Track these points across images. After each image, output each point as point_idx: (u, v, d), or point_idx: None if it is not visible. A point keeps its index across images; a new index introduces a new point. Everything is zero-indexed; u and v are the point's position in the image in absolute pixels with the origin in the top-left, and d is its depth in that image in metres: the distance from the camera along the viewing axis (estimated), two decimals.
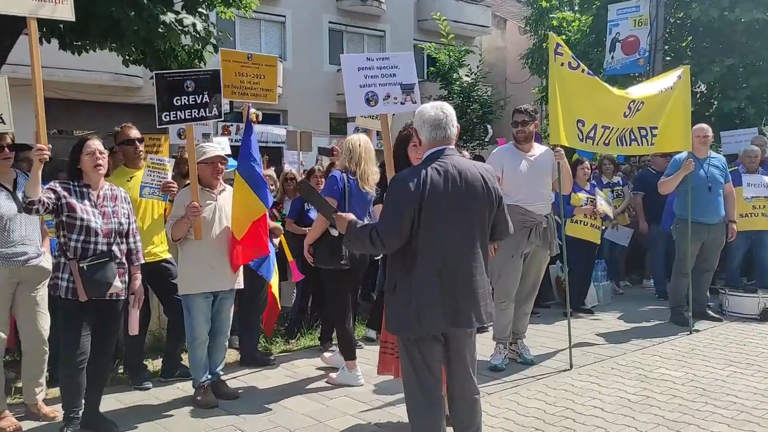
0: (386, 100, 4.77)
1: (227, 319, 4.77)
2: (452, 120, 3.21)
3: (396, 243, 3.05)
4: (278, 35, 20.59)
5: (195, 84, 4.57)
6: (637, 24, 11.66)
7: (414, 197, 2.98)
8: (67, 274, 3.83)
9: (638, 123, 5.87)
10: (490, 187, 3.15)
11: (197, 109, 4.60)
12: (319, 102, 20.21)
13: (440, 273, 3.03)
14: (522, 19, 21.16)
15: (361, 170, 4.87)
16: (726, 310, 7.09)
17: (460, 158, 3.20)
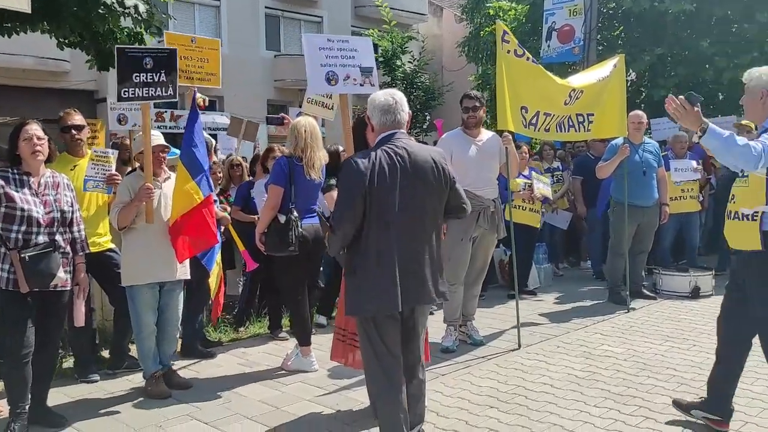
0: (346, 80, 4.78)
1: (176, 310, 4.68)
2: (402, 105, 3.29)
3: (350, 226, 3.10)
4: (213, 19, 20.12)
5: (153, 62, 4.46)
6: (571, 13, 11.98)
7: (363, 180, 3.05)
8: (7, 264, 3.68)
9: (576, 110, 6.06)
10: (441, 168, 3.22)
11: (154, 88, 4.50)
12: (257, 88, 19.89)
13: (393, 253, 3.10)
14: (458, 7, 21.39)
15: (307, 157, 4.84)
16: (659, 288, 7.43)
17: (411, 141, 3.28)
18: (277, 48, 21.35)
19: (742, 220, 3.43)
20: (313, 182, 4.93)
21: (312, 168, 4.84)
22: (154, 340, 4.55)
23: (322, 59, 4.81)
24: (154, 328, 4.54)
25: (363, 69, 5.00)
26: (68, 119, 4.73)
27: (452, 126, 5.99)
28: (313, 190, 5.01)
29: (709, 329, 5.79)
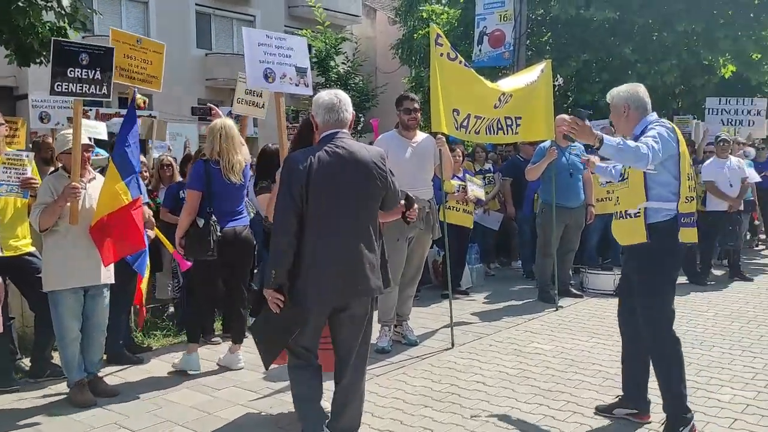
0: (283, 79, 4.74)
1: (102, 315, 4.52)
2: (346, 105, 3.33)
3: (290, 223, 3.09)
4: (141, 16, 19.56)
5: (90, 58, 4.32)
6: (502, 19, 12.25)
7: (301, 176, 3.07)
8: None
9: (505, 113, 6.21)
10: (380, 168, 3.27)
11: (88, 85, 4.35)
12: (187, 87, 19.42)
13: (331, 250, 3.13)
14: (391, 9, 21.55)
15: (224, 160, 4.78)
16: (586, 287, 7.68)
17: (353, 141, 3.32)
18: (209, 46, 20.95)
19: (627, 218, 3.76)
20: (234, 185, 4.86)
21: (231, 171, 4.78)
22: (79, 347, 4.38)
23: (261, 55, 4.76)
24: (78, 334, 4.38)
25: (298, 69, 4.98)
26: None
27: (387, 127, 6.03)
28: (234, 193, 4.94)
29: None
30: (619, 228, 3.90)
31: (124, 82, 4.75)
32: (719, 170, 8.27)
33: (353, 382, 3.38)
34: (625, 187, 3.83)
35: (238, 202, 5.01)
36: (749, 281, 8.24)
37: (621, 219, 3.84)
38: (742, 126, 11.91)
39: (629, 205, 3.75)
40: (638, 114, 3.78)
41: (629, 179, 3.77)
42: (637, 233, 3.71)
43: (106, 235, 4.38)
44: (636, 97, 3.79)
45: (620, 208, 3.85)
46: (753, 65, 12.60)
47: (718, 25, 11.83)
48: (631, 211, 3.73)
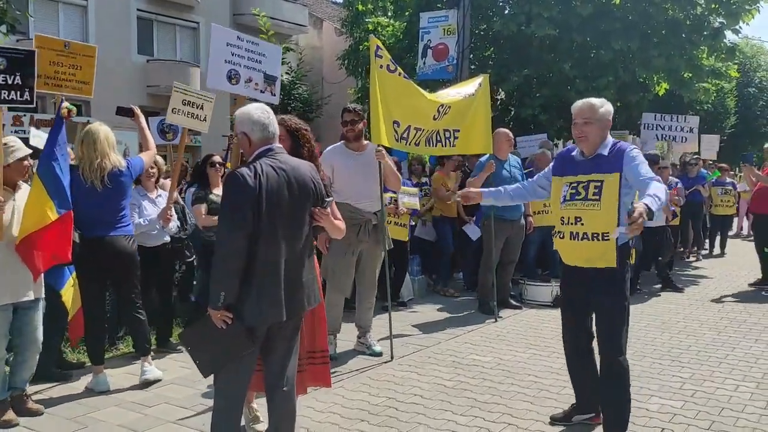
0: (248, 83, 4.65)
1: (36, 330, 4.31)
2: (275, 120, 3.32)
3: (241, 245, 3.00)
4: (80, 20, 19.02)
5: (7, 62, 4.11)
6: (446, 32, 12.38)
7: (251, 191, 3.01)
8: None
9: (444, 125, 6.27)
10: (316, 183, 3.28)
11: (8, 91, 4.16)
12: (127, 94, 18.93)
13: (281, 265, 3.10)
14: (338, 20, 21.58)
15: (83, 165, 4.61)
16: (525, 298, 7.80)
17: (288, 156, 3.29)
18: (150, 53, 20.53)
19: (594, 240, 3.59)
20: (100, 191, 4.61)
21: (93, 176, 4.59)
22: (5, 367, 4.19)
23: (227, 55, 4.66)
24: (4, 354, 4.18)
25: (267, 76, 4.90)
26: None
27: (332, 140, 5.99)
28: (102, 200, 4.65)
29: None
30: (581, 250, 3.68)
31: (50, 91, 4.55)
32: None
33: (287, 399, 3.31)
34: (593, 208, 3.60)
35: (110, 210, 4.72)
36: (680, 292, 8.53)
37: (586, 241, 3.63)
38: (676, 142, 12.37)
39: (599, 227, 3.57)
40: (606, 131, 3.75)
41: (602, 201, 3.57)
42: (605, 257, 3.60)
43: (32, 248, 4.19)
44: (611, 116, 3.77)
45: (585, 229, 3.62)
46: (685, 84, 13.09)
47: (652, 44, 12.25)
48: (600, 234, 3.56)
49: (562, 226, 3.75)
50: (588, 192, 3.61)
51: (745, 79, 28.54)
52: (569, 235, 3.69)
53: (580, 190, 3.65)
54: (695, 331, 6.45)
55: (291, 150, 3.54)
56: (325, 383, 4.00)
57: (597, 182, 3.61)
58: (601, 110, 3.71)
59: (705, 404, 4.44)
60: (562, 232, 3.75)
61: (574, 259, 3.76)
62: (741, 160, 10.07)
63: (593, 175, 3.64)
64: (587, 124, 3.68)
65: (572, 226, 3.67)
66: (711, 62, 13.36)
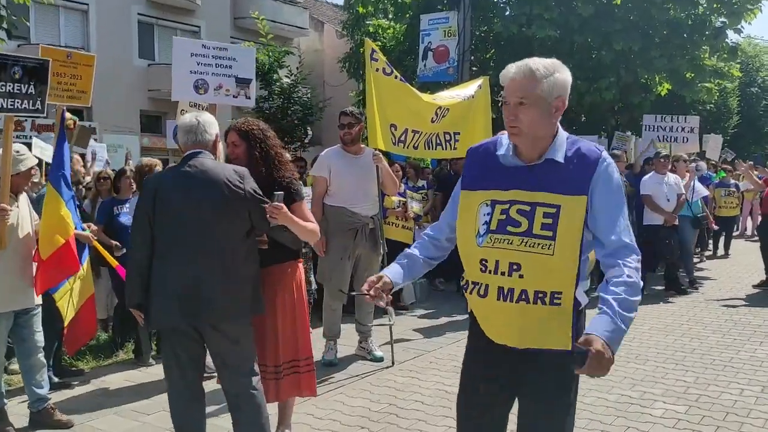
0: (218, 90, 4.65)
1: (38, 334, 4.28)
2: (206, 127, 3.32)
3: (139, 244, 3.17)
4: (80, 25, 19.06)
5: (23, 71, 4.10)
6: (446, 34, 12.35)
7: (148, 197, 3.16)
8: None
9: (443, 128, 6.22)
10: (234, 186, 3.17)
11: (21, 100, 4.14)
12: (129, 98, 19.01)
13: (170, 270, 3.13)
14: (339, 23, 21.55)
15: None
16: None
17: (209, 160, 3.25)
18: (152, 57, 20.56)
19: (536, 303, 2.20)
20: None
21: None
22: (2, 375, 4.16)
23: (193, 65, 4.66)
24: (3, 361, 4.16)
25: (239, 80, 4.90)
26: None
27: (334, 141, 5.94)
28: None
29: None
30: (515, 318, 2.25)
31: (53, 102, 4.56)
32: (658, 185, 8.50)
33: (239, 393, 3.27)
34: (543, 251, 2.18)
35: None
36: (684, 294, 8.47)
37: (524, 303, 2.21)
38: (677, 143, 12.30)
39: (549, 283, 2.19)
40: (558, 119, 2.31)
41: (558, 241, 2.17)
42: (555, 333, 2.23)
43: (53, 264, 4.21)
44: (569, 84, 2.29)
45: (526, 284, 2.20)
46: (687, 84, 13.05)
47: (653, 44, 12.22)
48: (549, 294, 2.20)
49: (481, 274, 2.27)
50: (533, 222, 2.21)
51: (747, 79, 28.45)
52: (496, 292, 2.25)
53: (517, 217, 2.23)
54: (699, 334, 6.39)
55: (246, 152, 3.55)
56: (310, 392, 3.82)
57: (549, 208, 2.20)
58: (546, 81, 2.21)
59: (710, 409, 4.39)
60: (481, 284, 2.28)
61: (501, 332, 2.32)
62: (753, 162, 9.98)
63: (541, 195, 2.21)
64: (523, 106, 2.22)
65: (502, 278, 2.23)
66: (713, 62, 13.31)
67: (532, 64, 2.23)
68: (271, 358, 3.61)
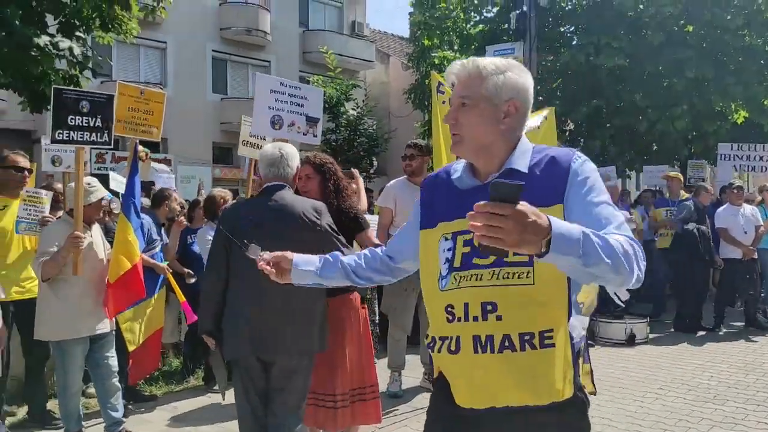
0: (291, 127, 4.78)
1: (113, 359, 4.44)
2: (288, 160, 3.36)
3: (215, 272, 3.24)
4: (159, 62, 20.00)
5: (90, 106, 4.36)
6: None
7: (226, 227, 3.19)
8: None
9: None
10: (311, 219, 3.23)
11: (89, 133, 4.39)
12: (202, 131, 19.75)
13: (244, 303, 3.17)
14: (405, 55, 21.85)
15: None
16: (597, 335, 7.54)
17: (288, 193, 3.31)
18: (224, 91, 21.33)
19: (522, 350, 1.75)
20: None
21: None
22: (80, 399, 4.33)
23: (271, 102, 4.82)
24: (81, 385, 4.32)
25: (309, 118, 5.03)
26: (15, 160, 4.66)
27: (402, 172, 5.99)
28: None
29: (643, 377, 5.89)
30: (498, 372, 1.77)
31: (127, 135, 4.81)
32: (733, 217, 8.18)
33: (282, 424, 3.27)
34: (521, 282, 1.75)
35: None
36: (766, 330, 8.06)
37: (508, 352, 1.75)
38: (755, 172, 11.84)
39: (535, 321, 1.76)
40: (522, 125, 1.94)
41: (537, 264, 1.72)
42: (553, 381, 1.76)
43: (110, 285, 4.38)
44: (529, 92, 1.92)
45: (505, 327, 1.76)
46: (765, 111, 12.58)
47: (728, 71, 11.88)
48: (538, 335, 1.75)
49: (449, 325, 1.83)
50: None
51: None
52: (471, 344, 1.79)
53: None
54: None
55: (320, 184, 3.64)
56: (375, 419, 3.85)
57: None
58: (492, 79, 1.85)
59: None
60: (451, 337, 1.83)
61: (482, 394, 1.82)
62: None
63: None
64: (464, 108, 1.88)
65: (476, 325, 1.79)
66: None
67: (480, 60, 1.91)
68: (339, 387, 3.64)
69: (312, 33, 23.20)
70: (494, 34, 14.35)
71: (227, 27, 20.82)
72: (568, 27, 14.24)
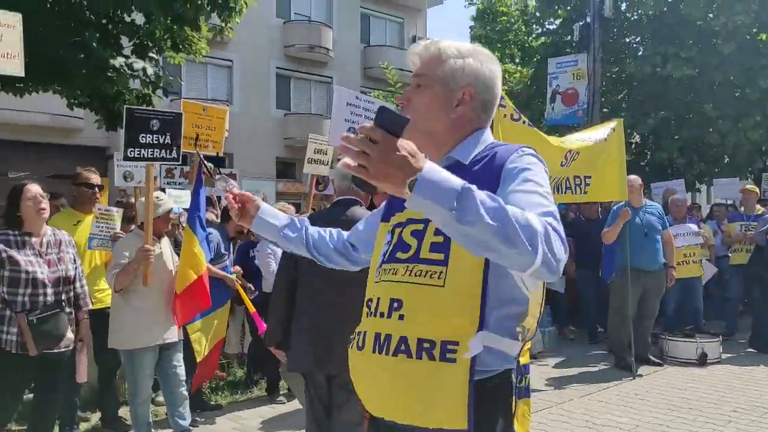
0: None
1: (181, 368, 4.54)
2: None
3: (282, 286, 3.32)
4: (225, 79, 20.60)
5: (160, 124, 4.54)
6: (575, 77, 12.18)
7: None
8: (14, 327, 3.56)
9: (573, 172, 6.10)
10: None
11: (159, 150, 4.56)
12: (266, 146, 20.21)
13: (310, 316, 3.22)
14: None
15: None
16: (666, 355, 7.28)
17: (359, 210, 3.32)
18: (287, 107, 21.77)
19: (419, 358, 1.58)
20: None
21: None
22: (150, 406, 4.47)
23: (347, 114, 4.93)
24: (150, 392, 4.46)
25: None
26: (89, 177, 4.85)
27: None
28: None
29: (715, 398, 5.66)
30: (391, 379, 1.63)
31: (191, 150, 4.98)
32: None
33: None
34: (431, 282, 1.61)
35: None
36: None
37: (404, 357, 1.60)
38: None
39: (438, 328, 1.58)
40: (481, 116, 1.78)
41: (450, 267, 1.59)
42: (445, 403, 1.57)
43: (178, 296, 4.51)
44: (490, 82, 1.76)
45: (406, 328, 1.61)
46: None
47: None
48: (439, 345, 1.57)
49: (365, 320, 1.75)
50: (421, 244, 1.68)
51: None
52: (372, 341, 1.67)
53: (409, 240, 1.71)
54: None
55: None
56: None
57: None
58: (450, 63, 1.73)
59: None
60: (361, 332, 1.74)
61: (377, 401, 1.70)
62: None
63: None
64: (418, 89, 1.77)
65: (380, 321, 1.67)
66: None
67: (443, 42, 1.77)
68: None
69: (373, 48, 23.46)
70: (557, 47, 14.18)
71: (291, 44, 21.29)
72: (633, 37, 13.94)
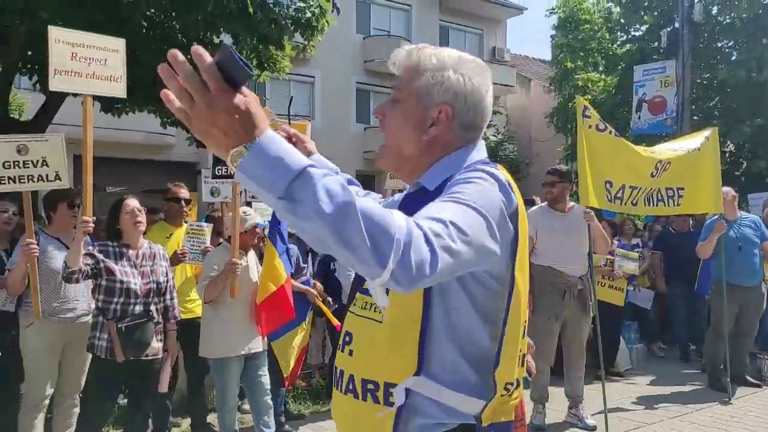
0: None
1: (265, 377, 4.67)
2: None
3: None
4: (307, 95, 21.10)
5: None
6: (663, 84, 11.76)
7: None
8: (105, 334, 3.83)
9: (665, 183, 5.86)
10: None
11: None
12: (346, 159, 20.50)
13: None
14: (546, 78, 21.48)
15: None
16: (765, 375, 6.88)
17: None
18: (367, 121, 22.05)
19: (363, 399, 1.47)
20: None
21: None
22: (236, 414, 4.60)
23: None
24: (237, 400, 4.59)
25: None
26: (177, 192, 5.09)
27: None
28: None
29: None
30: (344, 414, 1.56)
31: None
32: None
33: None
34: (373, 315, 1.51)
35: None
36: None
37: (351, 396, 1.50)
38: None
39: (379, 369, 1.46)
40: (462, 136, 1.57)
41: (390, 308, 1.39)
42: None
43: (262, 307, 4.64)
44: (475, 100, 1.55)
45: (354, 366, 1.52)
46: None
47: None
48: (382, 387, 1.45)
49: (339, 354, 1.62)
50: None
51: None
52: (336, 377, 1.58)
53: None
54: None
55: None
56: None
57: None
58: (428, 76, 1.52)
59: None
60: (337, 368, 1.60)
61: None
62: None
63: None
64: (394, 105, 1.57)
65: (339, 355, 1.59)
66: None
67: (427, 50, 1.55)
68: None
69: None
70: (643, 53, 13.74)
71: (370, 59, 21.58)
72: (726, 42, 13.34)
